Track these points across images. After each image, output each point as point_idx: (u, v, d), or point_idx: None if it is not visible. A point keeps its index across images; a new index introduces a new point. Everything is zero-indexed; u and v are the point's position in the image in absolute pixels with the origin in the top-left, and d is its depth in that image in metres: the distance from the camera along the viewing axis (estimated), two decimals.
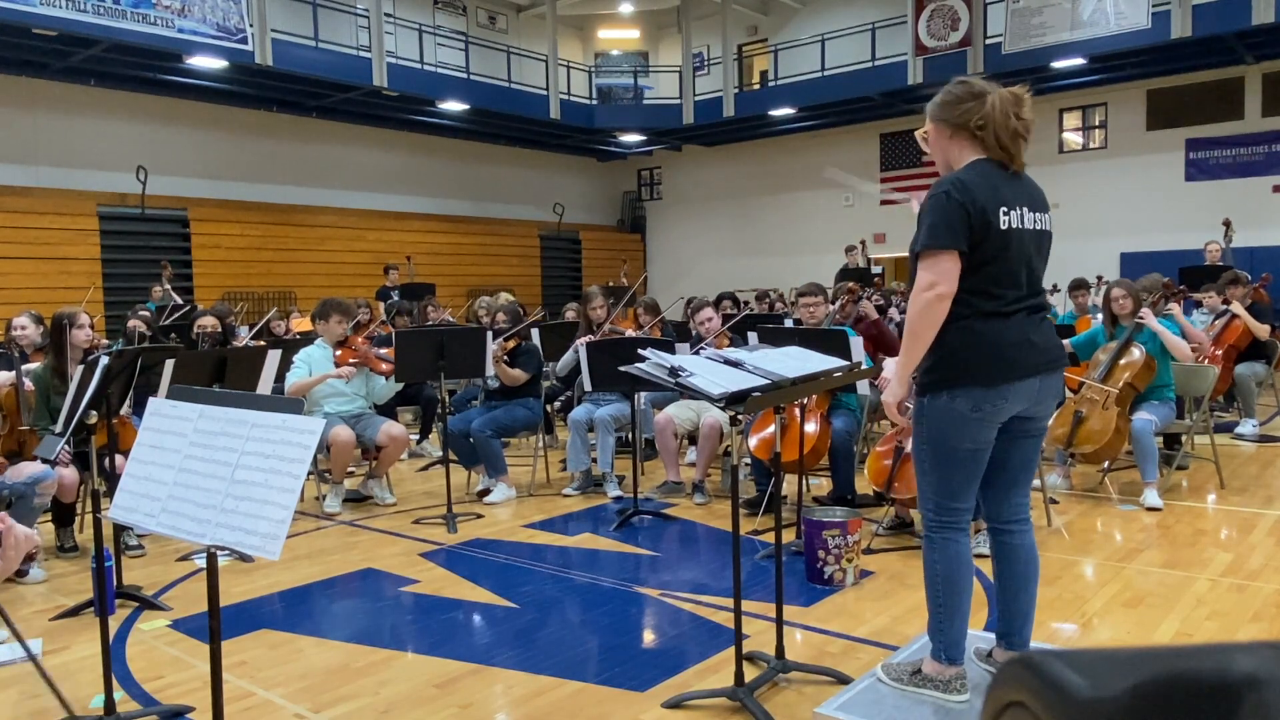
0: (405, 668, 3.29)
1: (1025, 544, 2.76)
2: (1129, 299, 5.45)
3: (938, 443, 2.60)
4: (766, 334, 5.06)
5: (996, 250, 2.52)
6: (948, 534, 2.66)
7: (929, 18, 14.75)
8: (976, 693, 2.73)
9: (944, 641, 2.70)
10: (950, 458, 2.60)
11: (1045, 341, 2.62)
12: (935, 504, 2.67)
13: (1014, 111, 2.56)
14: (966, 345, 2.53)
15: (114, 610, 3.79)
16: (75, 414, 3.32)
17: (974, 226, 2.49)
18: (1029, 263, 2.60)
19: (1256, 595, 3.76)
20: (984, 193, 2.51)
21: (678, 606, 3.87)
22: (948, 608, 2.67)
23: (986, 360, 2.52)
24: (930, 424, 2.60)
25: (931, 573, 2.69)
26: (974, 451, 2.60)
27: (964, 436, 2.57)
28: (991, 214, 2.51)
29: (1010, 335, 2.54)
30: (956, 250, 2.48)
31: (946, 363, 2.55)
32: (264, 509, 1.95)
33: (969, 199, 2.49)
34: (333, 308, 5.90)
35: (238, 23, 12.65)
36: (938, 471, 2.63)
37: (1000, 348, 2.53)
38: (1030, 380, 2.57)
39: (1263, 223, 13.98)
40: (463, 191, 18.93)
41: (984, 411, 2.54)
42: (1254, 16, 12.08)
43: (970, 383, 2.53)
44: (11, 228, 12.45)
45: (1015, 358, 2.54)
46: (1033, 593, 2.78)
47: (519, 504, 5.87)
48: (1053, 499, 5.31)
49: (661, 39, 20.71)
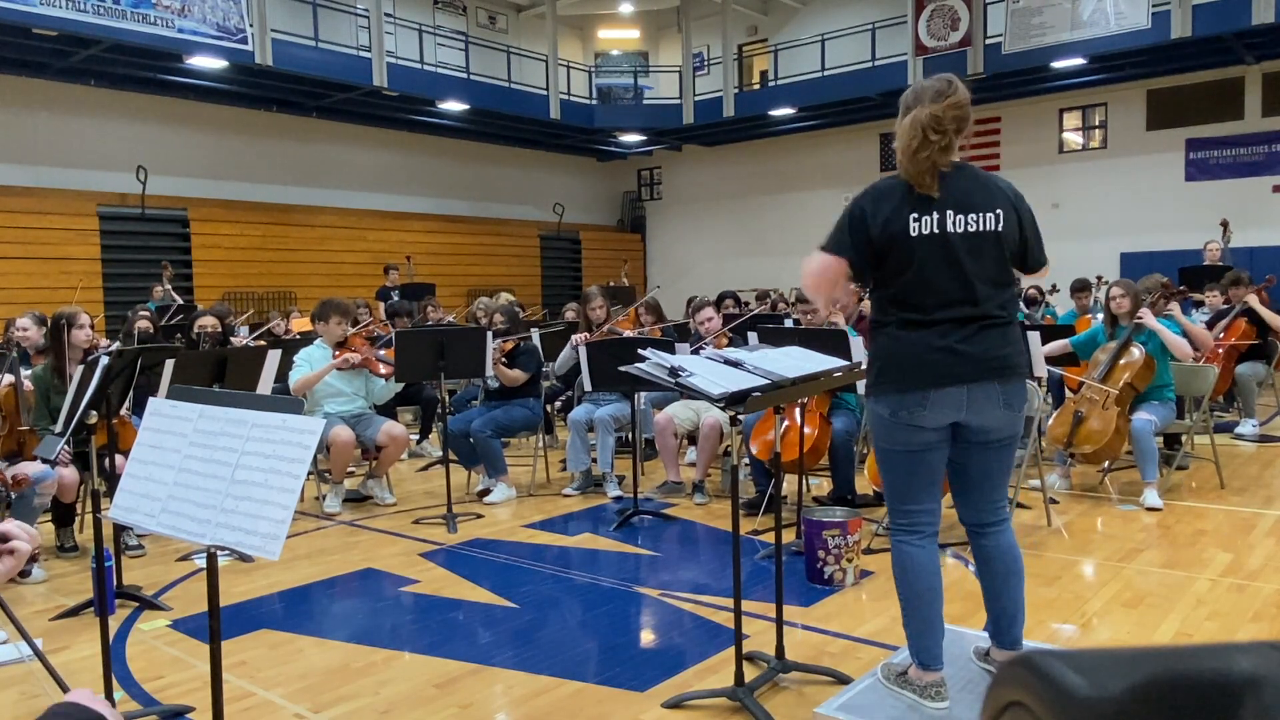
0: (405, 668, 3.29)
1: (1000, 544, 2.76)
2: (1127, 299, 5.46)
3: (877, 444, 2.72)
4: (766, 334, 5.06)
5: (905, 259, 2.53)
6: (901, 536, 2.70)
7: (929, 18, 14.76)
8: (971, 693, 2.73)
9: (914, 647, 2.71)
10: (887, 459, 2.69)
11: (977, 351, 2.51)
12: (890, 505, 2.76)
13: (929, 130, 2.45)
14: (887, 352, 2.61)
15: (114, 610, 3.79)
16: (75, 414, 3.32)
17: (872, 238, 2.53)
18: (958, 267, 2.50)
19: (1256, 595, 3.76)
20: (891, 201, 2.53)
21: (678, 606, 3.87)
22: (906, 610, 2.71)
23: (901, 367, 2.57)
24: (873, 429, 2.73)
25: (896, 578, 2.73)
26: (907, 454, 2.62)
27: (891, 439, 2.64)
28: (896, 223, 2.52)
29: (932, 342, 2.53)
30: (840, 256, 2.57)
31: (872, 368, 2.65)
32: (264, 509, 1.94)
33: (871, 209, 2.54)
34: (332, 308, 5.90)
35: (238, 23, 12.65)
36: (884, 472, 2.73)
37: (917, 354, 2.54)
38: (953, 389, 2.51)
39: (1263, 223, 13.98)
40: (463, 191, 18.93)
41: (900, 417, 2.58)
42: (1254, 16, 12.08)
43: (889, 388, 2.59)
44: (11, 228, 12.45)
45: (934, 364, 2.52)
46: (1015, 592, 2.78)
47: (519, 504, 5.87)
48: (1053, 499, 5.31)
49: (661, 39, 20.71)
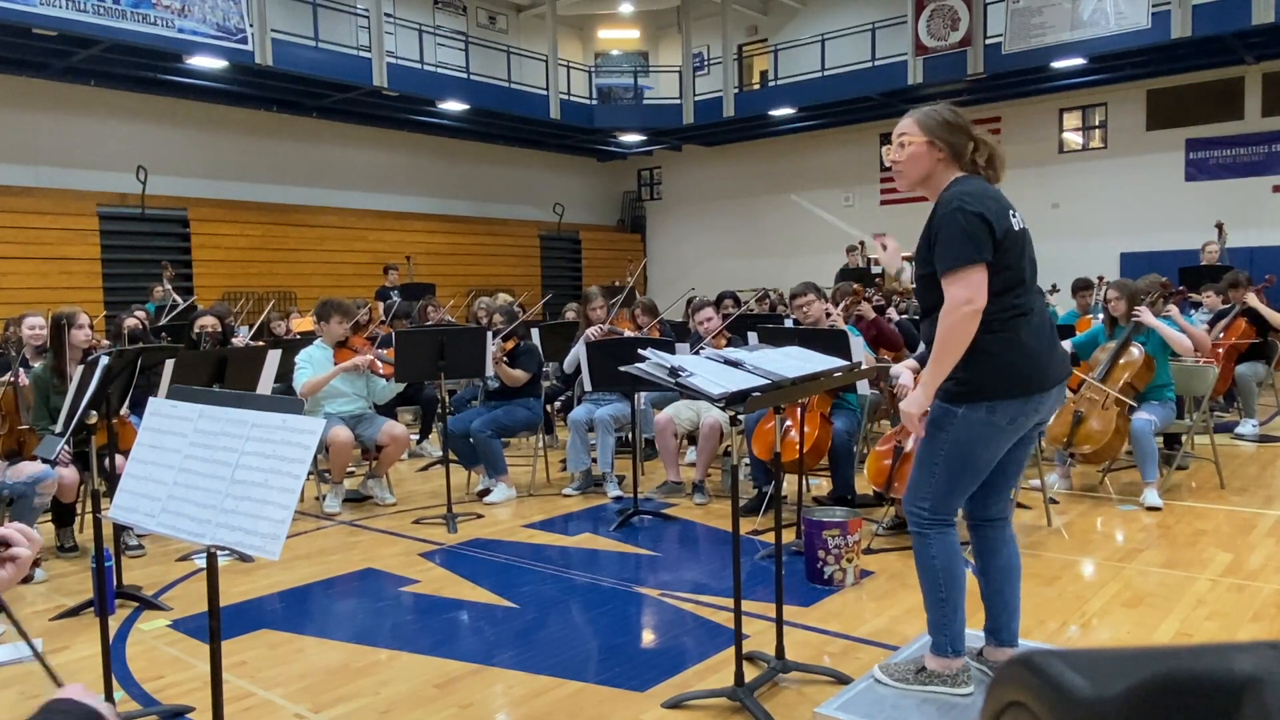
0: (405, 668, 3.29)
1: (1008, 537, 2.82)
2: (1122, 300, 5.47)
3: (961, 451, 2.60)
4: (766, 334, 5.06)
5: (1017, 253, 2.56)
6: (942, 529, 2.69)
7: (929, 18, 14.75)
8: (976, 689, 2.73)
9: (949, 634, 2.72)
10: (969, 466, 2.62)
11: (1062, 350, 2.70)
12: (933, 505, 2.68)
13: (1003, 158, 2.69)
14: (1011, 355, 2.54)
15: (114, 610, 3.79)
16: (75, 414, 3.32)
17: (995, 234, 2.50)
18: (1034, 263, 2.67)
19: (1256, 595, 3.76)
20: (993, 199, 2.54)
21: (678, 606, 3.87)
22: (951, 600, 2.70)
23: (1026, 371, 2.55)
24: (959, 433, 2.59)
25: (929, 568, 2.70)
26: (990, 461, 2.64)
27: (993, 448, 2.61)
28: (1005, 219, 2.54)
29: (1043, 343, 2.59)
30: (984, 262, 2.49)
31: (991, 374, 2.54)
32: (264, 509, 1.94)
33: (985, 208, 2.50)
34: (333, 308, 5.90)
35: (238, 23, 12.65)
36: (950, 477, 2.63)
37: (1037, 356, 2.57)
38: (1056, 389, 2.65)
39: (1262, 223, 13.98)
40: (463, 191, 18.93)
41: (1018, 423, 2.59)
42: (1254, 16, 12.08)
43: (1010, 395, 2.54)
44: (11, 228, 12.45)
45: (1046, 366, 2.59)
46: (1017, 587, 2.81)
47: (519, 504, 5.87)
48: (1053, 499, 5.31)
49: (661, 39, 20.71)
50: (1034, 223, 2.91)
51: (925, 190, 2.69)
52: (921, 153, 2.63)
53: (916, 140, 2.63)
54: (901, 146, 2.67)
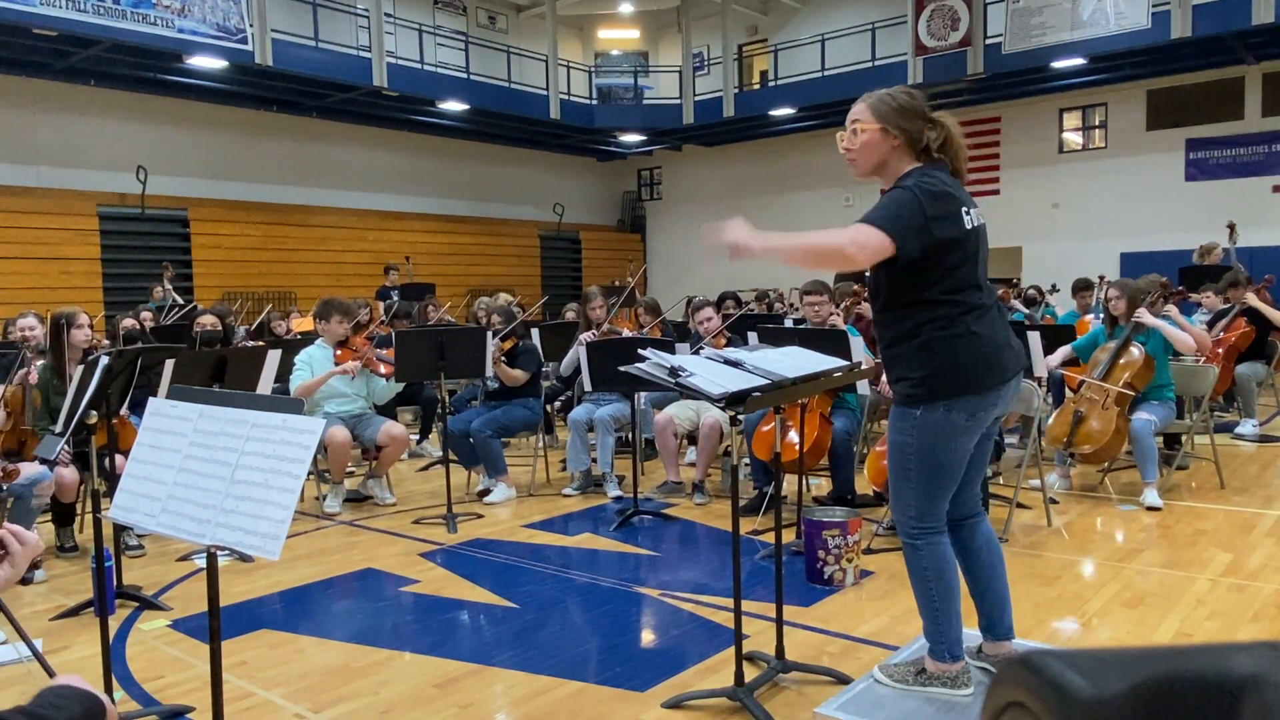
0: (405, 668, 3.29)
1: (985, 532, 2.82)
2: (1122, 300, 5.47)
3: (928, 454, 2.58)
4: (766, 334, 5.06)
5: (971, 251, 2.53)
6: (933, 537, 2.67)
7: (929, 18, 14.75)
8: (976, 690, 2.73)
9: (947, 641, 2.71)
10: (941, 468, 2.60)
11: (1016, 342, 2.66)
12: (918, 512, 2.65)
13: (962, 139, 2.63)
14: (966, 352, 2.51)
15: (114, 610, 3.79)
16: (75, 414, 3.32)
17: (933, 235, 2.42)
18: (985, 262, 2.64)
19: (1256, 595, 3.76)
20: (950, 197, 2.49)
21: (678, 606, 3.87)
22: (944, 608, 2.69)
23: (981, 367, 2.53)
24: (923, 435, 2.56)
25: (921, 577, 2.70)
26: (962, 459, 2.63)
27: (958, 446, 2.59)
28: (958, 221, 2.49)
29: (998, 337, 2.57)
30: (893, 244, 2.38)
31: (947, 374, 2.51)
32: (264, 509, 1.94)
33: (939, 210, 2.44)
34: (334, 308, 5.91)
35: (238, 23, 12.65)
36: (926, 483, 2.61)
37: (994, 350, 2.54)
38: (1012, 383, 2.63)
39: (1263, 223, 13.98)
40: (463, 191, 18.93)
41: (978, 418, 2.57)
42: (1254, 16, 12.08)
43: (968, 392, 2.52)
44: (11, 228, 12.45)
45: (1002, 361, 2.57)
46: (1004, 578, 2.81)
47: (519, 504, 5.87)
48: (1053, 499, 5.31)
49: (661, 39, 20.71)
50: (1034, 223, 2.92)
51: (880, 178, 2.61)
52: (875, 140, 2.54)
53: (870, 127, 2.54)
54: (855, 133, 2.57)
